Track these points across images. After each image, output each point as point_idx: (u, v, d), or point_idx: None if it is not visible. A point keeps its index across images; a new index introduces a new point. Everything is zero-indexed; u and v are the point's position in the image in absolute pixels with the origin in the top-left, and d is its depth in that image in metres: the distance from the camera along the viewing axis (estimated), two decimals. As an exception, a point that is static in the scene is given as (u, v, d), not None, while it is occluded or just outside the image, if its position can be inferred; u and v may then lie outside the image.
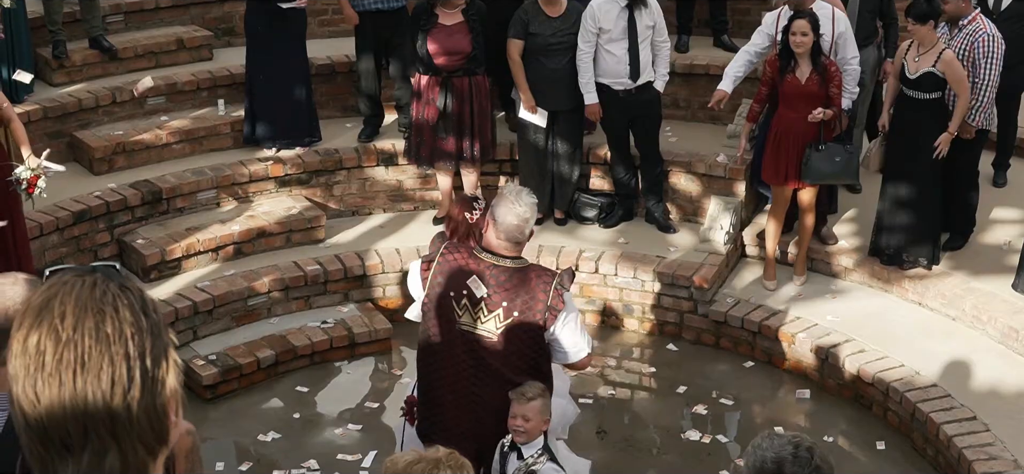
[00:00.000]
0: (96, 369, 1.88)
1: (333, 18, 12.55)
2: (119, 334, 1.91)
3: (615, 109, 10.14)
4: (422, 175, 10.91)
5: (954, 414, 8.22)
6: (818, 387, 9.16)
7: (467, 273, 6.06)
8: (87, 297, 1.93)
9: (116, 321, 1.91)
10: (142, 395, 1.91)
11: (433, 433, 6.22)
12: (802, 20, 9.21)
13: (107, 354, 1.89)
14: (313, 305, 9.93)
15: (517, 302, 6.04)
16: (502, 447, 6.15)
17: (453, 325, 6.11)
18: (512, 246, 6.07)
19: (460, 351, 6.15)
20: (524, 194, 6.11)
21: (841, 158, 9.35)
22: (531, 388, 6.02)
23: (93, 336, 1.89)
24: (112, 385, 1.89)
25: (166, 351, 1.97)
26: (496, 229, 6.05)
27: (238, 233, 10.15)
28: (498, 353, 6.11)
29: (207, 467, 8.41)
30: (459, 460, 3.27)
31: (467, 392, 6.20)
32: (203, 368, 9.07)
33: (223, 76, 11.61)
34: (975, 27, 9.41)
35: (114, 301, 1.93)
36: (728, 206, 10.18)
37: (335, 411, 9.02)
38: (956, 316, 9.30)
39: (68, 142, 10.82)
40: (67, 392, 1.88)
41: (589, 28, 10.00)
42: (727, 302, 9.79)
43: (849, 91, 9.61)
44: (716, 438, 8.67)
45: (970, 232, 9.95)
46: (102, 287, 1.95)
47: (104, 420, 1.89)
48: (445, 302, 6.10)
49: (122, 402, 1.89)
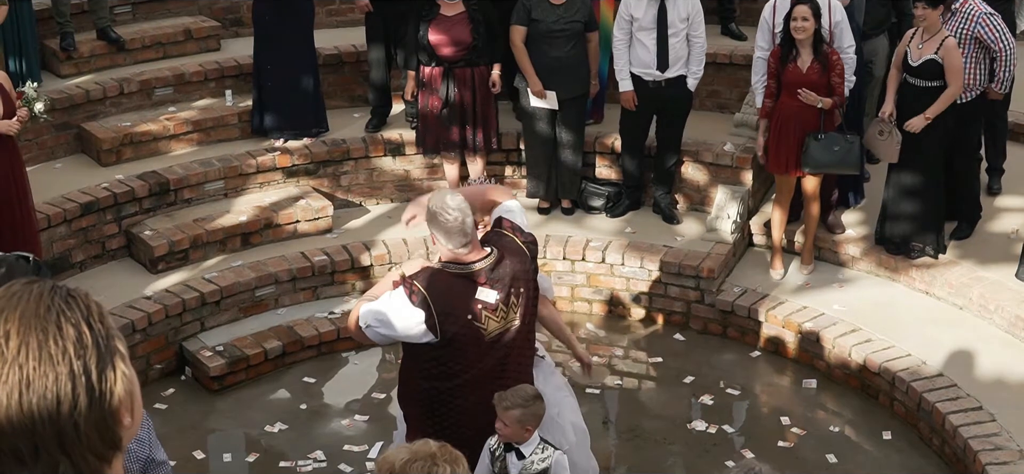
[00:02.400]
0: (41, 390, 1.90)
1: (341, 8, 12.57)
2: (62, 353, 1.92)
3: (643, 98, 10.13)
4: (429, 165, 10.91)
5: (960, 404, 8.21)
6: (825, 376, 9.16)
7: (466, 293, 5.99)
8: (32, 315, 1.94)
9: (60, 340, 1.93)
10: (90, 410, 1.93)
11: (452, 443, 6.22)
12: (804, 5, 9.19)
13: (52, 373, 1.91)
14: (320, 296, 9.94)
15: (520, 282, 6.08)
16: (492, 449, 6.15)
17: (481, 341, 6.05)
18: (471, 244, 6.00)
19: (489, 358, 6.12)
20: (446, 197, 6.03)
21: (840, 147, 9.33)
22: (511, 397, 6.01)
23: (37, 357, 1.91)
24: (58, 404, 1.91)
25: (112, 360, 1.97)
26: (449, 243, 5.97)
27: (245, 224, 10.17)
28: (521, 332, 6.18)
29: (214, 458, 8.46)
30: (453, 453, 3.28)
31: (488, 392, 6.12)
32: (210, 359, 9.09)
33: (231, 67, 11.63)
34: (970, 8, 9.41)
35: (58, 319, 1.94)
36: (735, 195, 10.17)
37: (342, 402, 9.04)
38: (963, 305, 9.28)
39: (76, 134, 10.85)
40: (13, 411, 1.90)
41: (623, 16, 10.04)
42: (734, 291, 9.78)
43: (847, 80, 9.60)
44: (723, 428, 8.66)
45: (977, 219, 9.93)
46: (46, 302, 1.96)
47: (52, 437, 1.91)
48: (466, 328, 6.00)
49: (69, 419, 1.91)
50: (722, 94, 11.62)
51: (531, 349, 6.36)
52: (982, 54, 9.49)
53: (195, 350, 9.19)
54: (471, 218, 6.00)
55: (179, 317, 9.32)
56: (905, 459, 8.33)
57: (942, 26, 9.25)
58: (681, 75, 10.10)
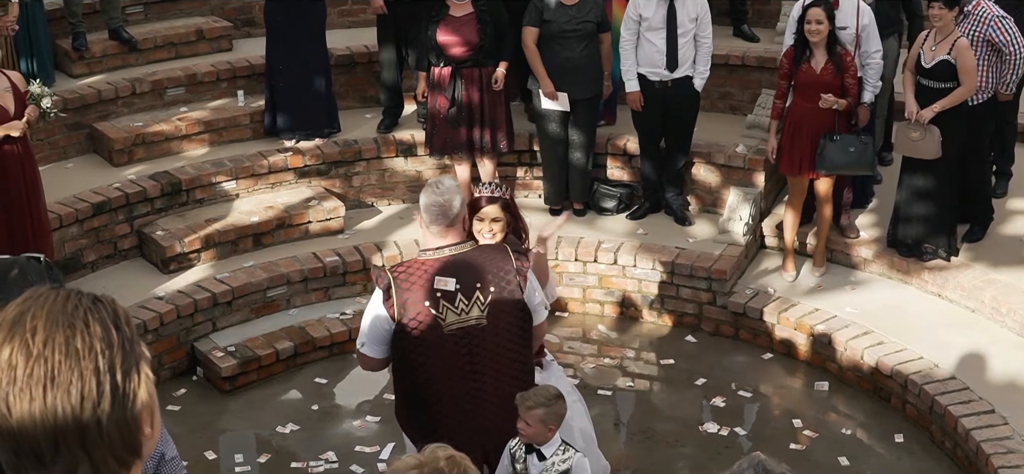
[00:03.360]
0: (66, 385, 1.90)
1: (353, 9, 12.58)
2: (89, 349, 1.92)
3: (649, 99, 10.13)
4: (441, 166, 10.90)
5: (973, 407, 8.19)
6: (837, 379, 9.14)
7: (428, 278, 5.86)
8: (59, 312, 1.95)
9: (86, 336, 1.93)
10: (112, 409, 1.93)
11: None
12: (817, 8, 9.19)
13: (77, 369, 1.91)
14: (332, 296, 9.93)
15: (488, 278, 5.89)
16: (512, 451, 6.11)
17: (440, 331, 5.88)
18: (449, 231, 5.89)
19: (453, 353, 5.94)
20: (443, 180, 6.00)
21: (855, 148, 9.32)
22: (533, 396, 5.96)
23: (63, 351, 1.91)
24: (82, 400, 1.91)
25: (138, 364, 1.98)
26: (427, 222, 5.88)
27: (257, 224, 10.17)
28: (491, 337, 5.95)
29: (225, 459, 8.46)
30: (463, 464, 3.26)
31: (466, 392, 6.01)
32: (222, 359, 9.09)
33: (243, 67, 11.64)
34: (982, 12, 9.40)
35: (85, 316, 1.95)
36: (747, 197, 10.16)
37: (353, 403, 9.03)
38: (975, 308, 9.26)
39: (88, 134, 10.86)
40: (37, 406, 1.90)
41: (631, 16, 10.03)
42: (746, 293, 9.77)
43: (871, 85, 9.59)
44: (734, 430, 8.64)
45: (989, 222, 9.91)
46: (74, 301, 1.97)
47: (74, 434, 1.91)
48: (425, 316, 5.86)
49: (92, 416, 1.91)
50: (734, 96, 11.60)
51: (517, 365, 6.10)
52: (994, 57, 9.47)
53: (207, 350, 9.20)
54: (459, 204, 5.88)
55: (191, 317, 9.32)
56: (917, 462, 8.31)
57: (955, 28, 9.24)
58: (688, 76, 10.10)
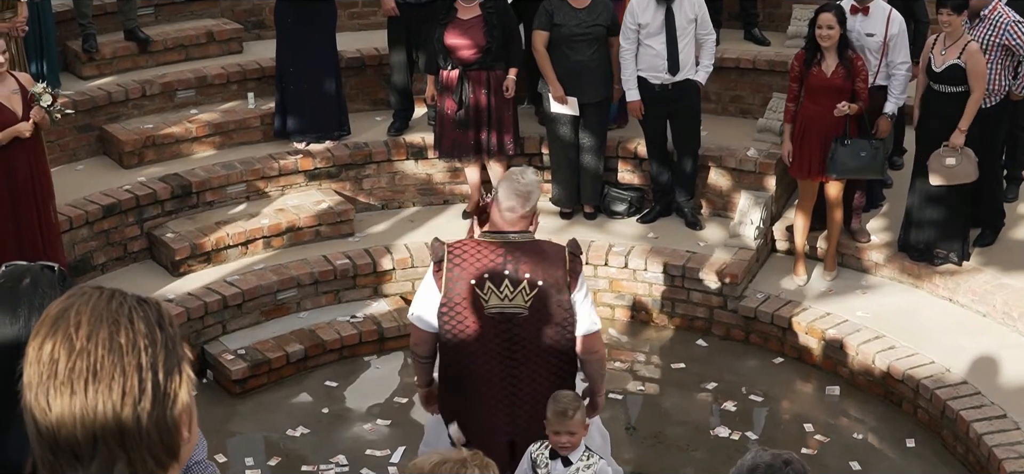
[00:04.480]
0: (108, 379, 1.89)
1: (363, 11, 12.58)
2: (132, 346, 1.91)
3: (652, 103, 10.11)
4: (451, 168, 10.90)
5: (984, 412, 8.17)
6: (848, 383, 9.12)
7: (482, 258, 6.04)
8: (103, 308, 1.94)
9: (130, 333, 1.92)
10: (153, 407, 1.92)
11: (467, 431, 6.21)
12: (828, 13, 9.21)
13: (119, 365, 1.90)
14: (342, 299, 9.93)
15: (539, 271, 6.04)
16: (534, 456, 6.09)
17: (482, 312, 6.06)
18: (517, 220, 6.06)
19: (492, 337, 6.10)
20: (527, 172, 6.18)
21: (867, 153, 9.32)
22: (569, 404, 5.97)
23: (106, 346, 1.90)
24: (123, 396, 1.90)
25: (180, 365, 1.97)
26: (499, 207, 6.07)
27: (267, 227, 10.16)
28: (531, 328, 6.10)
29: (235, 462, 8.45)
30: (484, 460, 3.26)
31: (503, 378, 6.16)
32: (232, 362, 9.08)
33: (253, 69, 11.64)
34: (999, 16, 9.38)
35: (129, 313, 1.94)
36: (758, 201, 10.14)
37: (364, 406, 9.02)
38: (987, 312, 9.24)
39: (98, 136, 10.87)
40: (78, 401, 1.89)
41: (629, 25, 9.99)
42: (757, 297, 9.75)
43: (895, 96, 9.59)
44: (745, 434, 8.63)
45: (1001, 227, 9.89)
46: (119, 299, 1.96)
47: (113, 430, 1.90)
48: (468, 293, 6.05)
49: (132, 413, 1.90)
50: (745, 100, 11.58)
51: (556, 363, 6.19)
52: (1007, 60, 9.46)
53: (217, 353, 9.20)
54: (536, 198, 6.10)
55: (201, 320, 9.32)
56: (928, 467, 8.29)
57: (966, 32, 9.22)
58: (689, 78, 10.09)
